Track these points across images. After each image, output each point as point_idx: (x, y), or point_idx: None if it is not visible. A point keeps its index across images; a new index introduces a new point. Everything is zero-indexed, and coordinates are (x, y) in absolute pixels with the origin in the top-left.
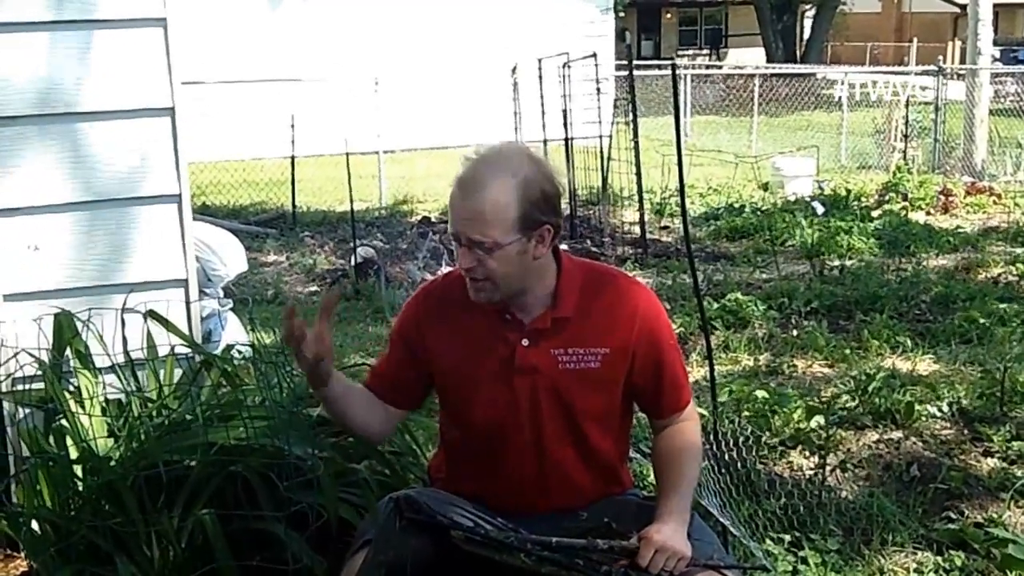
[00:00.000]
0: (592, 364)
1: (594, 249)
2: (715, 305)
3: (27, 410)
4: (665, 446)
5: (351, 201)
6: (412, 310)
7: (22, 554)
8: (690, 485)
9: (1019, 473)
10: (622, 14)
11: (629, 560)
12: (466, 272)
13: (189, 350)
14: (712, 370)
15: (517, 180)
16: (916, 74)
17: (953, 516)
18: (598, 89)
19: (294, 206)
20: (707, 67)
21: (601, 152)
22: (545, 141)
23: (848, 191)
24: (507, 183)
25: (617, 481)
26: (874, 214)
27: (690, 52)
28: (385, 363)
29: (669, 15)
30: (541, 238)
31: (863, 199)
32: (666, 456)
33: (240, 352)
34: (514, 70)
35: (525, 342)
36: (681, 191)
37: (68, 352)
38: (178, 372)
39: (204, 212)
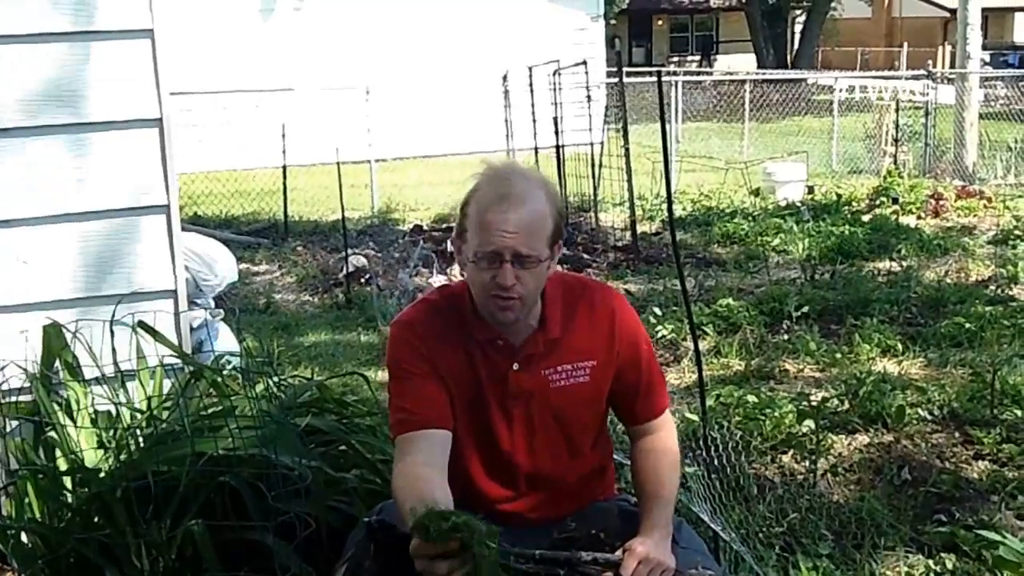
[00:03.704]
0: (582, 379)
1: (585, 256)
2: (706, 310)
3: (16, 422)
4: (644, 457)
5: (342, 210)
6: (407, 339)
7: (11, 567)
8: (672, 494)
9: (1010, 475)
10: (613, 21)
11: (613, 572)
12: (503, 291)
13: (178, 361)
14: (701, 375)
15: (546, 193)
16: (906, 78)
17: (944, 519)
18: (588, 96)
19: (286, 216)
20: (698, 73)
21: (592, 159)
22: (536, 149)
23: (839, 196)
24: (541, 195)
25: (604, 482)
26: (865, 218)
27: (681, 59)
28: (425, 397)
29: (660, 22)
30: (553, 254)
31: (854, 203)
32: (646, 467)
33: (230, 362)
34: (505, 78)
35: (516, 367)
36: (668, 198)
37: (57, 364)
38: (167, 383)
39: (196, 222)
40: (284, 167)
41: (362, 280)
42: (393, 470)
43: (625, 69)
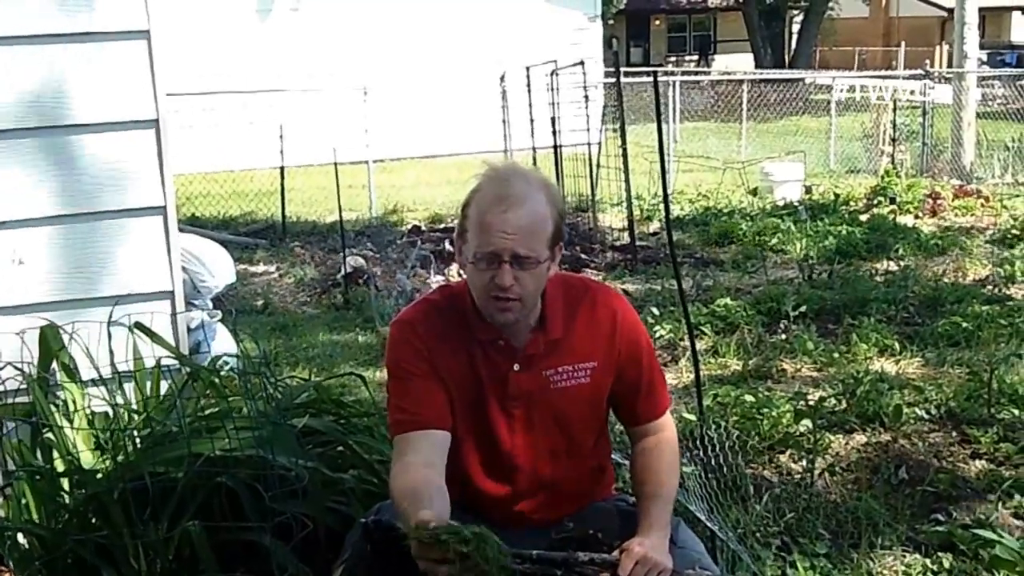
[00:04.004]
0: (583, 379)
1: (583, 256)
2: (704, 310)
3: (13, 424)
4: (644, 456)
5: (340, 211)
6: (407, 338)
7: (8, 568)
8: (670, 494)
9: (1006, 474)
10: (611, 22)
11: (610, 573)
12: (502, 291)
13: (175, 362)
14: (698, 374)
15: (547, 194)
16: (904, 78)
17: (941, 518)
18: (586, 97)
19: (284, 216)
20: (696, 73)
21: (590, 159)
22: (534, 149)
23: (837, 195)
24: (542, 196)
25: (603, 483)
26: (863, 218)
27: (678, 59)
28: (423, 397)
29: (658, 22)
30: (554, 255)
31: (852, 203)
32: (645, 467)
33: (227, 363)
34: (502, 78)
35: (516, 367)
36: (665, 198)
37: (54, 365)
38: (165, 384)
39: (194, 223)
40: (282, 168)
41: (360, 281)
42: (391, 470)
43: (623, 69)
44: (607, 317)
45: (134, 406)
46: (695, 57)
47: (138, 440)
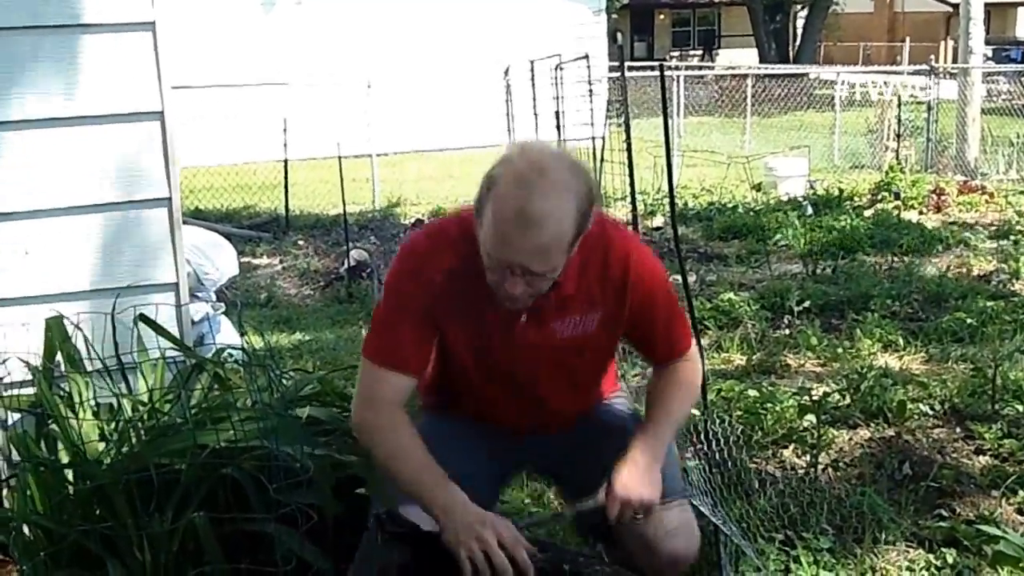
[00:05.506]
0: (590, 328)
1: None
2: (708, 305)
3: (18, 415)
4: (656, 382)
5: (344, 204)
6: (415, 272)
7: (13, 559)
8: (671, 419)
9: (1010, 470)
10: (615, 15)
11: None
12: (511, 298)
13: (180, 353)
14: (703, 370)
15: (572, 203)
16: (909, 73)
17: (945, 514)
18: (590, 91)
19: (287, 209)
20: (700, 68)
21: (594, 153)
22: None
23: (841, 191)
24: (564, 208)
25: (606, 384)
26: (867, 213)
27: (683, 53)
28: (410, 341)
29: (662, 16)
30: (576, 241)
31: (856, 199)
32: (655, 391)
33: (232, 355)
34: (506, 72)
35: (524, 318)
36: (671, 193)
37: (59, 356)
38: (169, 376)
39: (197, 216)
40: (285, 161)
41: (363, 274)
42: (356, 393)
43: (627, 63)
44: (619, 271)
45: (139, 397)
46: (699, 52)
47: (143, 431)
